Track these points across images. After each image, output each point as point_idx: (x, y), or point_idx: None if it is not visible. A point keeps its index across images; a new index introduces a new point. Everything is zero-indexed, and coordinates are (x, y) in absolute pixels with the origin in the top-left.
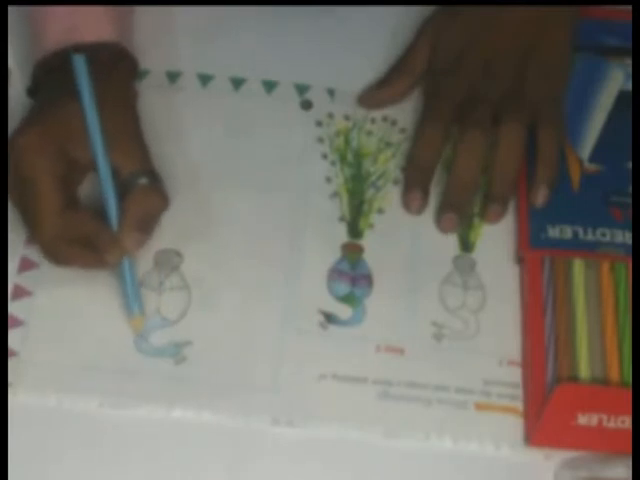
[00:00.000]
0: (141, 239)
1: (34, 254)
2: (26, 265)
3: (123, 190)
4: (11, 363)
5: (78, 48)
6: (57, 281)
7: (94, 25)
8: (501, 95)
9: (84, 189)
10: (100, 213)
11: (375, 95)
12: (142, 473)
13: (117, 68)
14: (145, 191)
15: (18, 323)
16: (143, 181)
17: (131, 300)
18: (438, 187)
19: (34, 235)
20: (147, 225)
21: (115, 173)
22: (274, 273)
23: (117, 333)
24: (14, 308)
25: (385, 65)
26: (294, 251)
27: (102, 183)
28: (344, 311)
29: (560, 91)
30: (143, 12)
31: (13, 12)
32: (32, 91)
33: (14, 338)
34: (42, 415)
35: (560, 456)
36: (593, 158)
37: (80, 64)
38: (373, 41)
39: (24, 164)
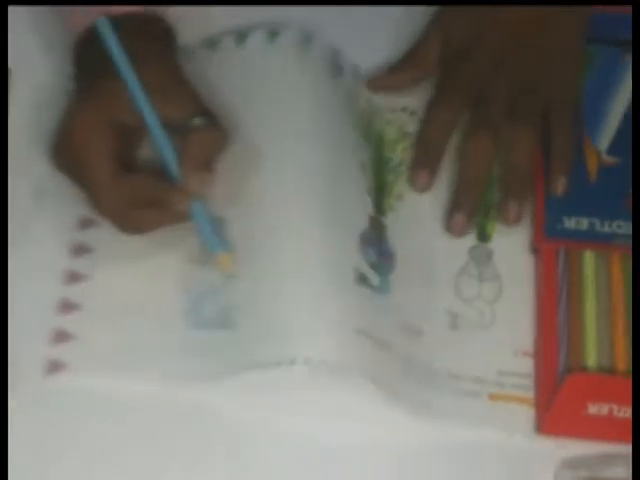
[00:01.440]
0: (205, 178)
1: (88, 238)
2: (81, 249)
3: (182, 137)
4: (67, 347)
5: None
6: (112, 264)
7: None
8: (513, 87)
9: (143, 153)
10: (162, 172)
11: (384, 80)
12: (142, 466)
13: (149, 30)
14: (200, 130)
15: (74, 307)
16: (197, 122)
17: (212, 239)
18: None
19: (98, 211)
20: (208, 163)
21: (169, 123)
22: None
23: (170, 312)
24: (69, 292)
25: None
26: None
27: (152, 134)
28: (373, 278)
29: (573, 81)
30: None
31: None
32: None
33: (70, 322)
34: (43, 415)
35: (571, 445)
36: (611, 150)
37: (105, 26)
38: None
39: (77, 146)
